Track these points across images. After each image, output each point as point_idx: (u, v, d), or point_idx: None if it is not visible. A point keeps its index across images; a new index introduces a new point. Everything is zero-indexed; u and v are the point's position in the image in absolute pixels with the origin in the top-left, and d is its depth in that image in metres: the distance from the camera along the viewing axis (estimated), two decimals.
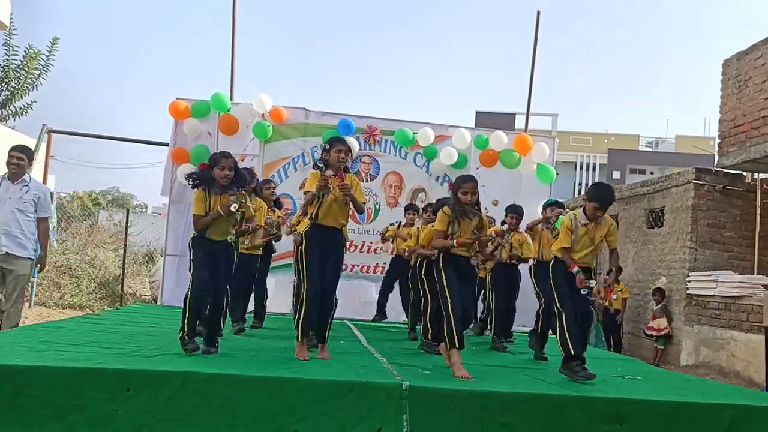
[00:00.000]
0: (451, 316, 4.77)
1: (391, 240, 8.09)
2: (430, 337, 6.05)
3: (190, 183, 4.98)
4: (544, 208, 6.76)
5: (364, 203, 5.24)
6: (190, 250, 5.00)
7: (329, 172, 5.00)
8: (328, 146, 5.06)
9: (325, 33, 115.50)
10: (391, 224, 8.23)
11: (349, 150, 5.05)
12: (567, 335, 4.85)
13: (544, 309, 6.26)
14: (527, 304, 7.33)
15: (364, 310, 8.82)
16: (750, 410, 4.30)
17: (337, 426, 3.90)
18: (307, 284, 4.92)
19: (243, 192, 5.01)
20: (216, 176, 4.87)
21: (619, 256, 5.29)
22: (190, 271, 4.98)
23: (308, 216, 5.07)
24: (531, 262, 6.78)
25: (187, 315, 4.81)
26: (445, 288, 4.86)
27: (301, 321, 4.97)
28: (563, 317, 4.88)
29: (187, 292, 4.85)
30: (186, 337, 4.80)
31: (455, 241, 4.89)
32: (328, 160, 5.02)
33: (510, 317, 7.00)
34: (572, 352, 4.82)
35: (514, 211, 7.02)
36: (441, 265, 4.94)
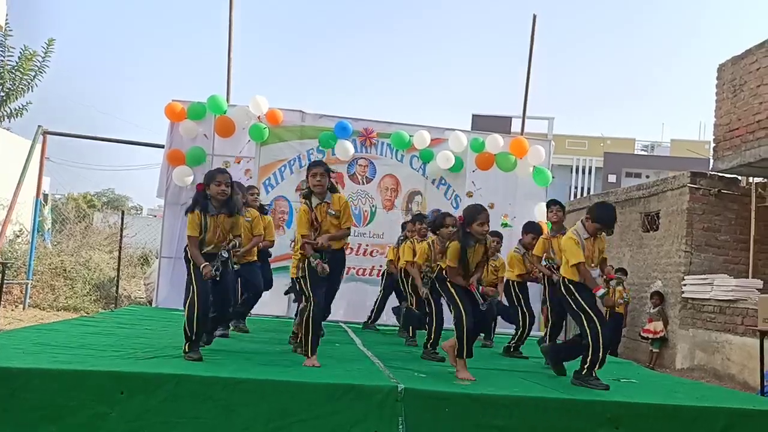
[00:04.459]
0: (464, 327, 4.86)
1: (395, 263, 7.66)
2: (431, 346, 5.89)
3: (186, 212, 4.94)
4: (547, 207, 6.52)
5: (349, 228, 5.27)
6: (187, 262, 4.91)
7: (314, 201, 5.05)
8: (307, 172, 5.14)
9: (322, 35, 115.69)
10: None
11: (325, 170, 5.06)
12: (601, 352, 4.79)
13: (554, 323, 6.16)
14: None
15: (360, 312, 8.79)
16: (745, 414, 4.33)
17: (332, 428, 3.90)
18: (314, 305, 4.90)
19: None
20: (213, 192, 4.86)
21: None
22: (189, 284, 4.85)
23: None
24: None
25: (192, 328, 4.72)
26: (458, 302, 4.96)
27: (310, 338, 4.89)
28: (600, 335, 4.77)
29: (190, 304, 4.75)
30: (189, 349, 4.73)
31: (470, 285, 5.02)
32: (310, 187, 5.09)
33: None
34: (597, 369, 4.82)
35: (532, 230, 6.68)
36: (448, 282, 5.07)
